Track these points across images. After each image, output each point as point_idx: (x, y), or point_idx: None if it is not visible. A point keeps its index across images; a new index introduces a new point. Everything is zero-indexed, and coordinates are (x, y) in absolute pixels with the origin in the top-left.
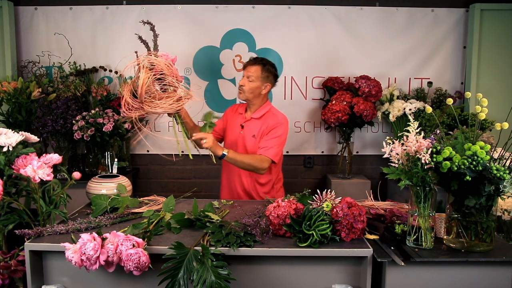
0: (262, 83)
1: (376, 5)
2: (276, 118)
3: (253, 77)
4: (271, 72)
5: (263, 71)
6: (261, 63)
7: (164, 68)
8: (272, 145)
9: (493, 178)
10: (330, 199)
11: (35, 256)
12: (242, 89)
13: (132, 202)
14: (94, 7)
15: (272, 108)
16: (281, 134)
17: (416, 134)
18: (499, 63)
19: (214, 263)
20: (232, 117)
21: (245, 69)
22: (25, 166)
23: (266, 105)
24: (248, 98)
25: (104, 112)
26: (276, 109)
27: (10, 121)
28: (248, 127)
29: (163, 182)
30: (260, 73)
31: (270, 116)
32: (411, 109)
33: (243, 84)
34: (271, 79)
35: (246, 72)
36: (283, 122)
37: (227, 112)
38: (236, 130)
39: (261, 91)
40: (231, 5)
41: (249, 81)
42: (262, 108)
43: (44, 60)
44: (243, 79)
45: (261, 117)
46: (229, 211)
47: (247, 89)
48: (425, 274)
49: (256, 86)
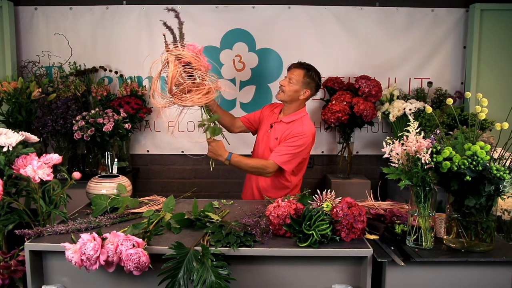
0: (302, 88)
1: (376, 5)
2: (301, 127)
3: (294, 80)
4: (314, 79)
5: (305, 76)
6: (305, 68)
7: (192, 60)
8: (285, 152)
9: (493, 178)
10: (330, 199)
11: (35, 256)
12: (282, 89)
13: (132, 202)
14: (94, 7)
15: (304, 117)
16: (300, 145)
17: (416, 134)
18: (499, 63)
19: (214, 263)
20: (268, 114)
21: (289, 71)
22: (25, 166)
23: (300, 112)
24: (285, 100)
25: (104, 112)
26: (308, 119)
27: (10, 121)
28: (276, 128)
29: (163, 182)
30: (302, 78)
31: (297, 124)
32: (411, 109)
33: (283, 85)
34: (312, 86)
35: (289, 74)
36: (307, 134)
37: (265, 108)
38: (265, 128)
39: (299, 96)
40: (231, 5)
41: (290, 83)
42: (295, 114)
43: (44, 60)
44: (285, 79)
45: (290, 122)
46: (229, 211)
47: (286, 90)
48: (425, 274)
49: (296, 90)
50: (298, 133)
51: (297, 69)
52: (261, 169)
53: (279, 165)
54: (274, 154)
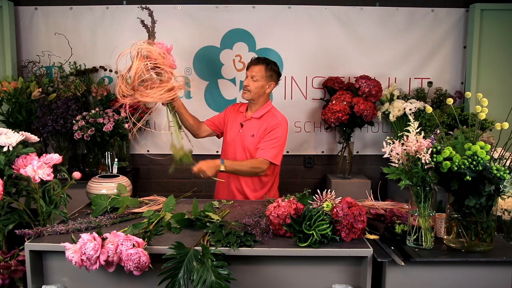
0: (266, 82)
1: (376, 5)
2: (275, 118)
3: (257, 77)
4: (275, 70)
5: (266, 70)
6: (264, 62)
7: (158, 57)
8: (272, 146)
9: (493, 178)
10: (330, 199)
11: (35, 256)
12: (247, 89)
13: (132, 202)
14: (94, 7)
15: (272, 108)
16: (280, 136)
17: (416, 134)
18: (499, 63)
19: (214, 263)
20: (233, 115)
21: (248, 69)
22: (25, 166)
23: (267, 105)
24: (253, 98)
25: (104, 112)
26: (276, 110)
27: (10, 121)
28: (247, 126)
29: (163, 182)
30: (264, 72)
31: (270, 117)
32: (411, 109)
33: (247, 84)
34: (275, 77)
35: (249, 72)
36: (283, 123)
37: (228, 109)
38: (235, 129)
39: (265, 90)
40: (231, 5)
41: (254, 81)
42: (263, 108)
43: (44, 60)
44: (247, 79)
45: (261, 117)
46: (229, 211)
47: (252, 89)
48: (425, 274)
49: (261, 85)
50: (275, 125)
51: (257, 65)
52: (257, 168)
53: (270, 160)
54: (261, 152)
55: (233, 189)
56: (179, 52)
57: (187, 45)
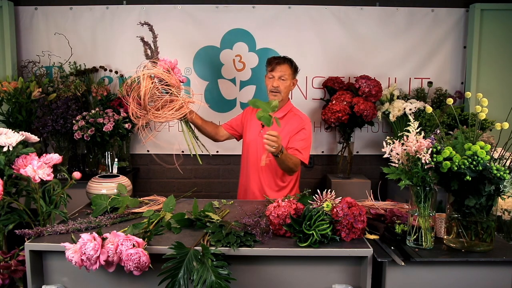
0: (291, 80)
1: (376, 5)
2: (300, 119)
3: (285, 76)
4: (296, 67)
5: (291, 67)
6: (287, 60)
7: (163, 75)
8: (303, 147)
9: (493, 178)
10: (330, 199)
11: (35, 256)
12: (278, 90)
13: (132, 202)
14: (94, 7)
15: (293, 107)
16: (308, 136)
17: (416, 134)
18: (499, 63)
19: (214, 263)
20: (252, 116)
21: (274, 70)
22: (25, 166)
23: (288, 104)
24: (283, 99)
25: (104, 112)
26: (297, 109)
27: (10, 121)
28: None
29: (163, 182)
30: (290, 71)
31: (293, 117)
32: (411, 109)
33: (278, 85)
34: (296, 74)
35: (276, 73)
36: (308, 122)
37: (246, 110)
38: (255, 129)
39: (291, 88)
40: (231, 5)
41: (283, 80)
42: (285, 107)
43: (44, 60)
44: (275, 80)
45: (283, 116)
46: (229, 211)
47: (282, 89)
48: (425, 274)
49: (289, 84)
50: (302, 125)
51: (282, 64)
52: (296, 167)
53: (304, 162)
54: (297, 152)
55: (253, 190)
56: (179, 52)
57: (187, 45)
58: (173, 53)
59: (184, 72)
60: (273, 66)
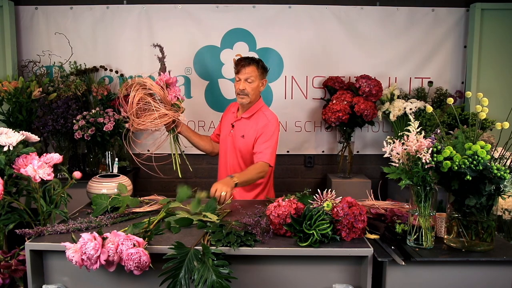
0: (260, 81)
1: (377, 4)
2: (265, 118)
3: (252, 77)
4: (264, 67)
5: (259, 68)
6: (254, 62)
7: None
8: (266, 147)
9: (494, 177)
10: (331, 198)
11: (35, 256)
12: (244, 92)
13: (133, 201)
14: (95, 6)
15: (263, 107)
16: (272, 135)
17: (417, 133)
18: (500, 62)
19: (215, 262)
20: (226, 115)
21: (239, 73)
22: (26, 165)
23: (258, 104)
24: (252, 101)
25: (104, 111)
26: (267, 108)
27: (10, 120)
28: (238, 126)
29: (163, 181)
30: (257, 72)
31: (260, 116)
32: (411, 108)
33: (244, 88)
34: (265, 74)
35: (242, 75)
36: (272, 121)
37: (224, 112)
38: (227, 129)
39: (260, 89)
40: (232, 4)
41: (249, 83)
42: (253, 107)
43: (44, 59)
44: (241, 83)
45: (250, 116)
46: (229, 211)
47: (250, 91)
48: (426, 274)
49: (256, 86)
50: (265, 125)
51: (248, 66)
52: (261, 173)
53: (268, 163)
54: (260, 155)
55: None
56: (179, 52)
57: (187, 45)
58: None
59: (185, 72)
60: (239, 69)
